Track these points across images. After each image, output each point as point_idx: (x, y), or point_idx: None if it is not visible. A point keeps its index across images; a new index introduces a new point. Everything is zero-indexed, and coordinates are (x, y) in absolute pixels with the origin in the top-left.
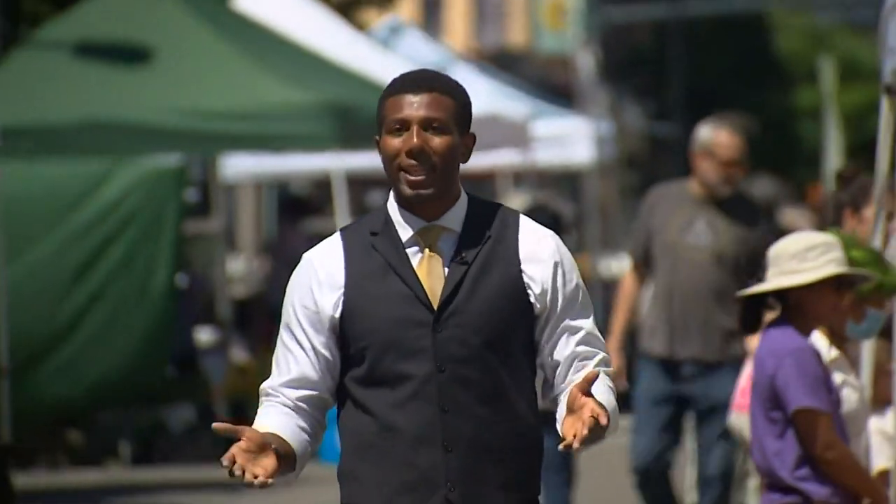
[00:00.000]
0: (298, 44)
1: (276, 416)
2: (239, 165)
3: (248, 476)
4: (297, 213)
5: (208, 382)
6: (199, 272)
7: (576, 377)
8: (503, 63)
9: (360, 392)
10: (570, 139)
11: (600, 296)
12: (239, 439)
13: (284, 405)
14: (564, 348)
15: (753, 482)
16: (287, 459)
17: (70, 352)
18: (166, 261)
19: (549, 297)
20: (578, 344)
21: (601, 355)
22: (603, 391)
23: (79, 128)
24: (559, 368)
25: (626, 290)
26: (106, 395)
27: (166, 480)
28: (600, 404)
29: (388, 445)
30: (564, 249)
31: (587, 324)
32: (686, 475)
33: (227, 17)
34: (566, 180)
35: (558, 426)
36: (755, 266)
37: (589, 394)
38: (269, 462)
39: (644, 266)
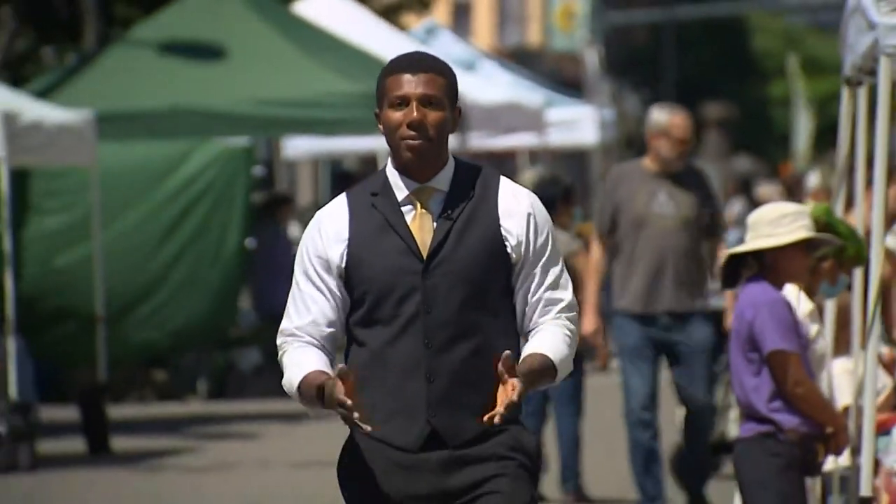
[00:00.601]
0: (348, 42)
1: (316, 357)
2: (298, 146)
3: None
4: (347, 186)
5: (264, 330)
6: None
7: (541, 321)
8: (521, 59)
9: (360, 331)
10: (578, 124)
11: None
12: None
13: (311, 344)
14: (533, 293)
15: (734, 413)
16: None
17: (156, 303)
18: (237, 226)
19: (522, 248)
20: (546, 290)
21: (564, 302)
22: (555, 338)
23: (163, 114)
24: (527, 310)
25: (595, 259)
26: (186, 340)
27: (236, 412)
28: (535, 367)
29: (380, 376)
30: (539, 207)
31: (555, 271)
32: (676, 414)
33: (288, 20)
34: (574, 158)
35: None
36: (710, 223)
37: (514, 374)
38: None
39: (609, 237)
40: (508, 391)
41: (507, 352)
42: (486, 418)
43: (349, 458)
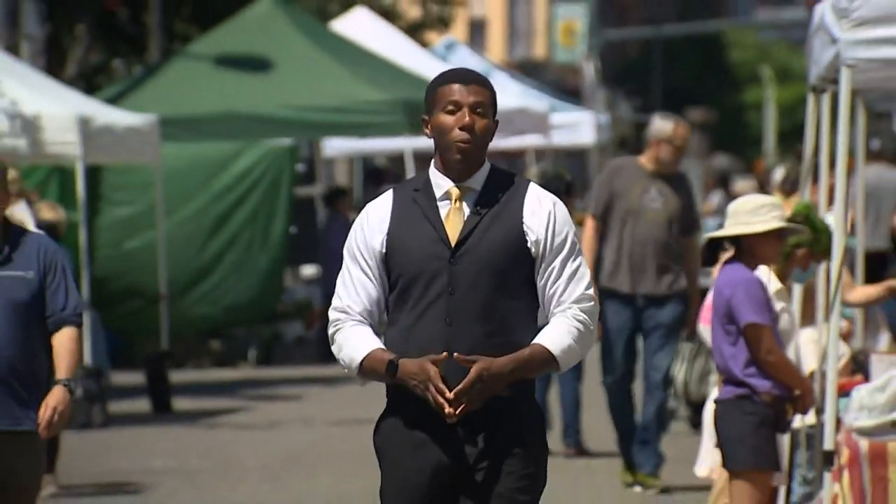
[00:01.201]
0: (378, 56)
1: (371, 335)
2: (335, 145)
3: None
4: (377, 180)
5: (311, 305)
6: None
7: (556, 312)
8: (528, 71)
9: (394, 312)
10: (577, 127)
11: None
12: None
13: (362, 323)
14: (551, 286)
15: (714, 378)
16: None
17: (211, 283)
18: (282, 216)
19: (541, 244)
20: (563, 282)
21: (578, 293)
22: (560, 332)
23: (218, 118)
24: (545, 301)
25: (589, 240)
26: (238, 314)
27: (281, 377)
28: (537, 354)
29: (406, 352)
30: (561, 210)
31: (572, 266)
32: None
33: (327, 36)
34: (575, 157)
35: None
36: (687, 222)
37: (475, 369)
38: None
39: (602, 221)
40: (461, 384)
41: (456, 354)
42: (451, 414)
43: (386, 424)
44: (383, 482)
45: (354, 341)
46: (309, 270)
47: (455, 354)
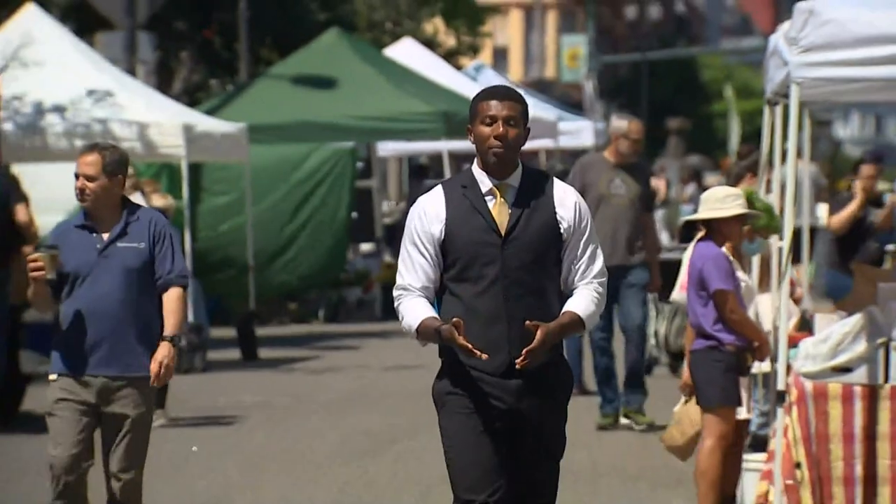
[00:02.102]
0: (421, 76)
1: (426, 306)
2: (387, 147)
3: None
4: (420, 175)
5: (368, 274)
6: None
7: (578, 284)
8: (541, 88)
9: (452, 286)
10: (580, 132)
11: None
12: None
13: (420, 296)
14: (575, 262)
15: (688, 332)
16: None
17: (289, 257)
18: (345, 204)
19: (571, 229)
20: (584, 260)
21: (596, 269)
22: (587, 300)
23: (294, 125)
24: (569, 275)
25: None
26: (310, 281)
27: (344, 332)
28: (568, 321)
29: (471, 321)
30: (582, 200)
31: (592, 247)
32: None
33: (380, 61)
34: (577, 156)
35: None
36: (646, 203)
37: (549, 329)
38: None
39: None
40: (539, 341)
41: (527, 322)
42: (519, 364)
43: (449, 378)
44: (445, 425)
45: (413, 312)
46: (366, 247)
47: (527, 322)
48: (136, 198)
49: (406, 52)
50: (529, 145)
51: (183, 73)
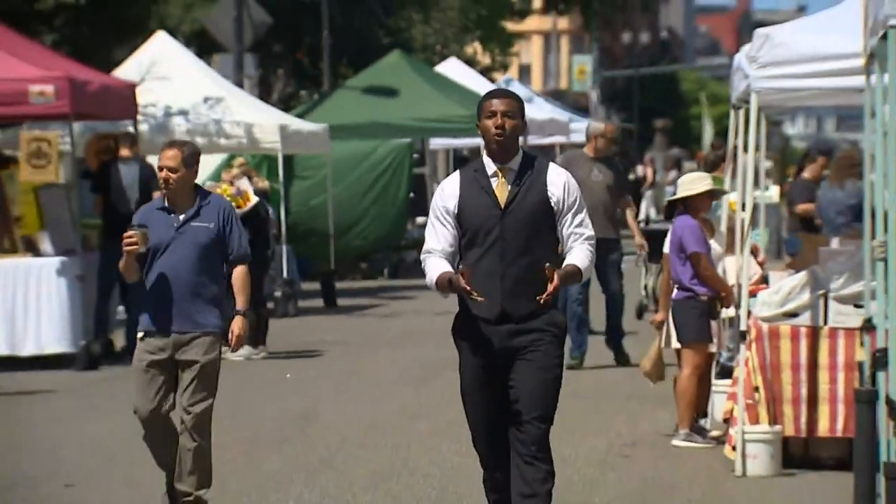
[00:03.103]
0: (463, 87)
1: (443, 264)
2: (437, 142)
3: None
4: (462, 164)
5: (422, 241)
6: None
7: (571, 248)
8: (556, 96)
9: (464, 252)
10: (583, 132)
11: None
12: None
13: (440, 257)
14: (568, 229)
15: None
16: None
17: (361, 227)
18: (404, 186)
19: (561, 203)
20: (575, 227)
21: (587, 233)
22: (582, 254)
23: (364, 126)
24: (565, 239)
25: None
26: (378, 246)
27: (403, 285)
28: (570, 271)
29: (474, 277)
30: (571, 179)
31: (580, 217)
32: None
33: (432, 75)
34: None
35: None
36: (621, 188)
37: (554, 271)
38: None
39: None
40: (551, 285)
41: (548, 264)
42: (540, 300)
43: (459, 323)
44: (460, 361)
45: (433, 269)
46: (420, 219)
47: (546, 266)
48: (245, 182)
49: (451, 68)
50: (547, 140)
51: (279, 85)
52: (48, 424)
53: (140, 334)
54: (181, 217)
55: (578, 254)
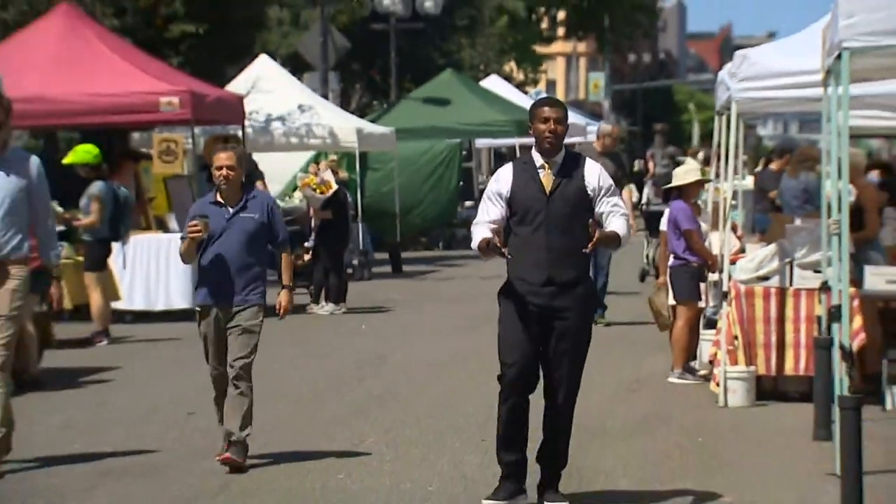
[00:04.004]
0: (502, 98)
1: (487, 232)
2: (482, 142)
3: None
4: (502, 161)
5: (469, 220)
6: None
7: (611, 220)
8: (576, 105)
9: (515, 228)
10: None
11: None
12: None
13: (486, 227)
14: (606, 207)
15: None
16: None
17: (421, 209)
18: (455, 176)
19: (596, 189)
20: (612, 206)
21: (622, 211)
22: (621, 224)
23: (423, 129)
24: (604, 216)
25: None
26: (434, 224)
27: (455, 255)
28: (611, 234)
29: (527, 250)
30: (602, 170)
31: (614, 199)
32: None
33: (478, 89)
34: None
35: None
36: (622, 178)
37: (604, 233)
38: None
39: None
40: (597, 241)
41: (591, 220)
42: (587, 249)
43: (505, 289)
44: (501, 313)
45: (477, 235)
46: (468, 203)
47: (591, 223)
48: (328, 174)
49: (492, 83)
50: (568, 140)
51: (356, 97)
52: (175, 365)
53: (197, 308)
54: (231, 209)
55: (618, 223)
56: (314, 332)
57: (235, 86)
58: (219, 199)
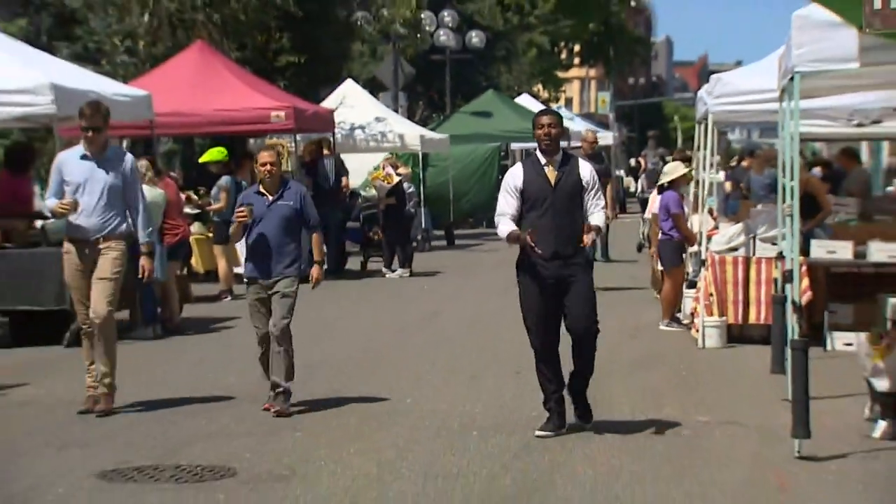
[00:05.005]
0: (531, 111)
1: (512, 223)
2: (516, 146)
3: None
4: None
5: None
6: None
7: (593, 212)
8: (588, 116)
9: (526, 214)
10: (606, 137)
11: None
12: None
13: (508, 218)
14: (591, 201)
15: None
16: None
17: (469, 196)
18: (496, 172)
19: (588, 184)
20: (595, 200)
21: (601, 205)
22: (600, 217)
23: (471, 135)
24: (588, 207)
25: None
26: (479, 208)
27: (494, 232)
28: (596, 227)
29: (537, 231)
30: (592, 169)
31: (598, 196)
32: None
33: (512, 104)
34: (604, 150)
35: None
36: (602, 174)
37: (589, 227)
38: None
39: None
40: (588, 234)
41: (584, 222)
42: (582, 243)
43: (520, 262)
44: (519, 282)
45: (503, 226)
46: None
47: (584, 223)
48: (390, 169)
49: (524, 100)
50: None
51: (419, 111)
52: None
53: (245, 279)
54: (271, 198)
55: (598, 217)
56: (385, 291)
57: (327, 102)
58: (261, 189)
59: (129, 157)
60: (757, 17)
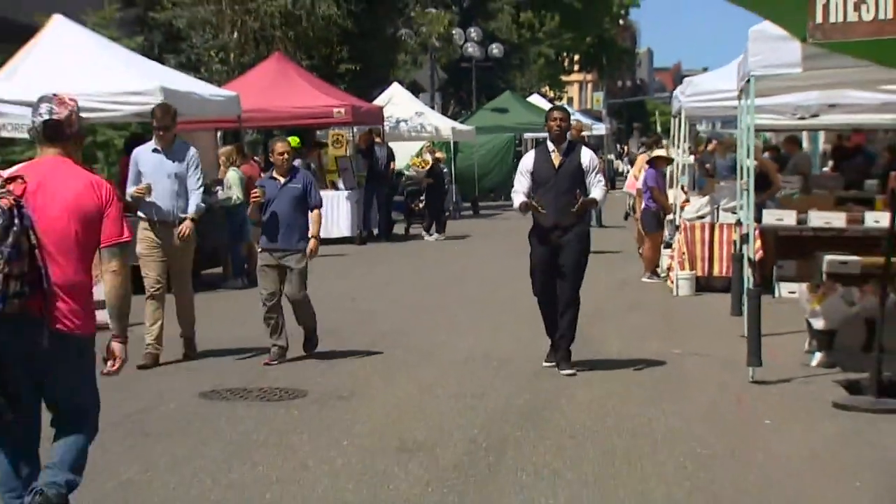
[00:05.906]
0: (541, 108)
1: (523, 195)
2: (528, 135)
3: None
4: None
5: None
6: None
7: (594, 189)
8: (585, 112)
9: (533, 191)
10: (601, 128)
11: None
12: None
13: (522, 194)
14: (592, 179)
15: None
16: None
17: (490, 176)
18: (510, 157)
19: (588, 166)
20: (597, 180)
21: (602, 183)
22: (599, 192)
23: (492, 127)
24: (589, 185)
25: None
26: (498, 185)
27: (510, 205)
28: (591, 199)
29: (543, 205)
30: (594, 154)
31: (599, 175)
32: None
33: (525, 102)
34: (599, 140)
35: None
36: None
37: (584, 199)
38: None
39: None
40: (581, 204)
41: (578, 190)
42: (575, 211)
43: (531, 230)
44: (531, 249)
45: (516, 199)
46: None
47: (577, 193)
48: (428, 155)
49: (535, 99)
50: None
51: (451, 108)
52: (343, 270)
53: (259, 249)
54: (282, 181)
55: (596, 191)
56: (423, 253)
57: (378, 101)
58: (275, 174)
59: (192, 149)
60: (721, 31)
